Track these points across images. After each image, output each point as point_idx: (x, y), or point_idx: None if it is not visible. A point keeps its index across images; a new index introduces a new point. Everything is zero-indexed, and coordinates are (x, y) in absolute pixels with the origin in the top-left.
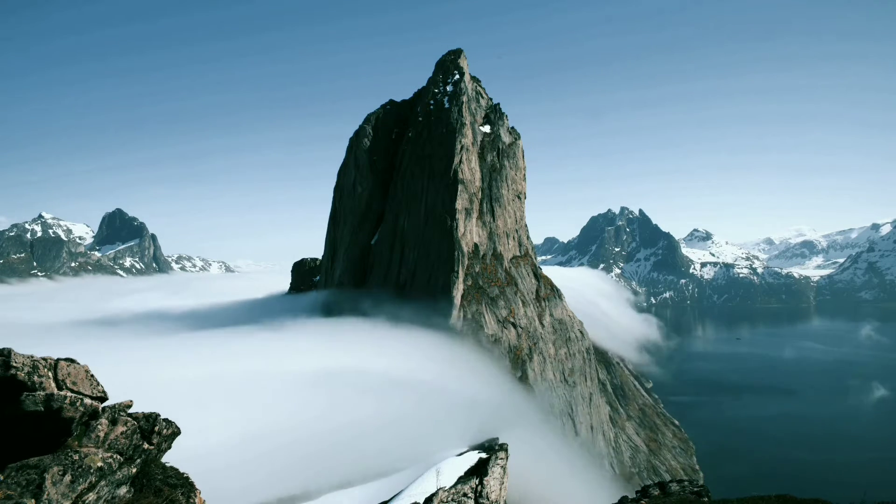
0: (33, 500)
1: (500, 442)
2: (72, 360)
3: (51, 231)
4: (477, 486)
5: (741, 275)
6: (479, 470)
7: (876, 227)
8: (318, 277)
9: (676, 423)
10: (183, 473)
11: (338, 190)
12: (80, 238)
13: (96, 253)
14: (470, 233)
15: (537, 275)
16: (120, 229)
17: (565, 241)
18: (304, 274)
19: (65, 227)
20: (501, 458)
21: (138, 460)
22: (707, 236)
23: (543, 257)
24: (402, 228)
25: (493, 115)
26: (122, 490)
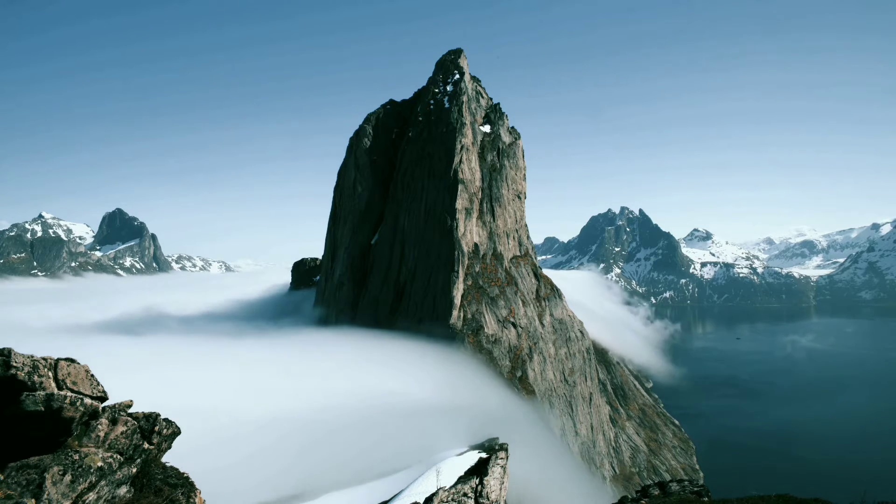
0: (33, 500)
1: (500, 442)
2: (72, 360)
3: (51, 231)
4: (477, 485)
5: (741, 274)
6: (479, 470)
7: (876, 226)
8: (318, 277)
9: (676, 422)
10: (183, 473)
11: (338, 190)
12: (80, 238)
13: (96, 253)
14: (470, 233)
15: (537, 274)
16: (120, 229)
17: (565, 241)
18: (304, 274)
19: (65, 227)
20: (501, 458)
21: (138, 460)
22: (707, 236)
23: (543, 257)
24: (402, 228)
25: (493, 114)
26: (123, 490)
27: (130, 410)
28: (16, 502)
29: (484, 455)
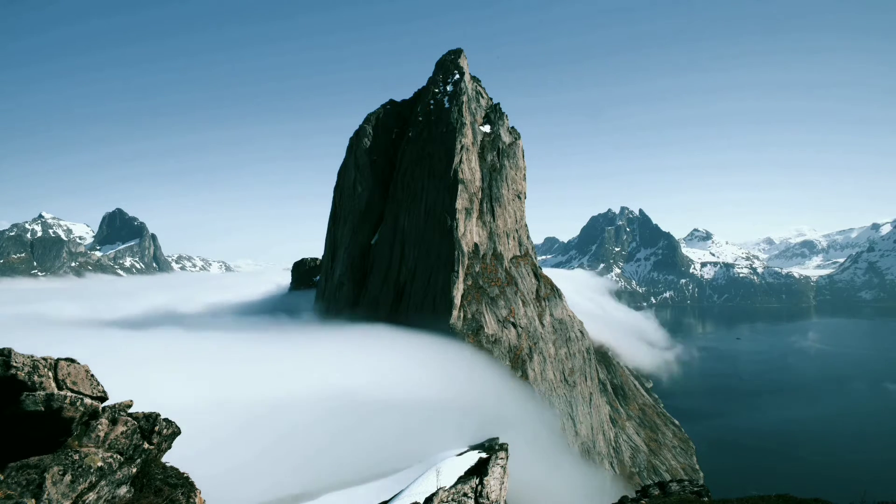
0: (33, 500)
1: (500, 442)
2: (72, 360)
3: (51, 231)
4: (477, 485)
5: (741, 274)
6: (479, 470)
7: (876, 226)
8: (318, 277)
9: (676, 422)
10: (183, 473)
11: (338, 190)
12: (80, 238)
13: (96, 253)
14: (470, 233)
15: (537, 274)
16: (120, 229)
17: (565, 241)
18: (304, 274)
19: (65, 227)
20: (501, 458)
21: (138, 460)
22: (707, 236)
23: (543, 257)
24: (402, 228)
25: (493, 114)
26: (123, 490)
27: (130, 410)
28: (16, 502)
29: (484, 455)
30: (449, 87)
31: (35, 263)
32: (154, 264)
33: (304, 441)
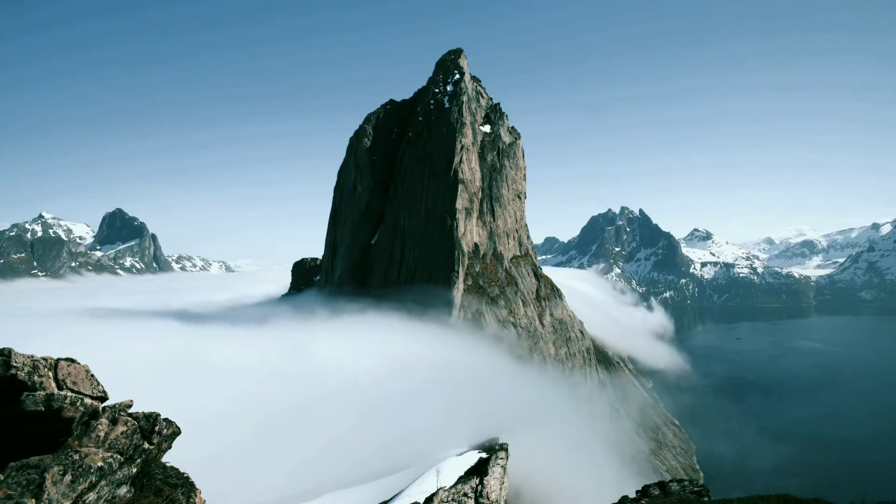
0: (34, 500)
1: (501, 441)
2: (72, 360)
3: (51, 231)
4: (477, 485)
5: (741, 274)
6: (479, 470)
7: (876, 226)
8: (318, 277)
9: (677, 422)
10: (183, 473)
11: (338, 190)
12: (80, 238)
13: (97, 253)
14: (470, 232)
15: (537, 274)
16: (120, 229)
17: (565, 241)
18: (304, 274)
19: (65, 227)
20: (501, 458)
21: (138, 460)
22: (707, 236)
23: (543, 257)
24: (402, 228)
25: (494, 114)
26: (123, 490)
27: (130, 410)
28: (16, 502)
29: (484, 455)
30: (449, 87)
31: (35, 263)
32: (154, 264)
33: (304, 441)
